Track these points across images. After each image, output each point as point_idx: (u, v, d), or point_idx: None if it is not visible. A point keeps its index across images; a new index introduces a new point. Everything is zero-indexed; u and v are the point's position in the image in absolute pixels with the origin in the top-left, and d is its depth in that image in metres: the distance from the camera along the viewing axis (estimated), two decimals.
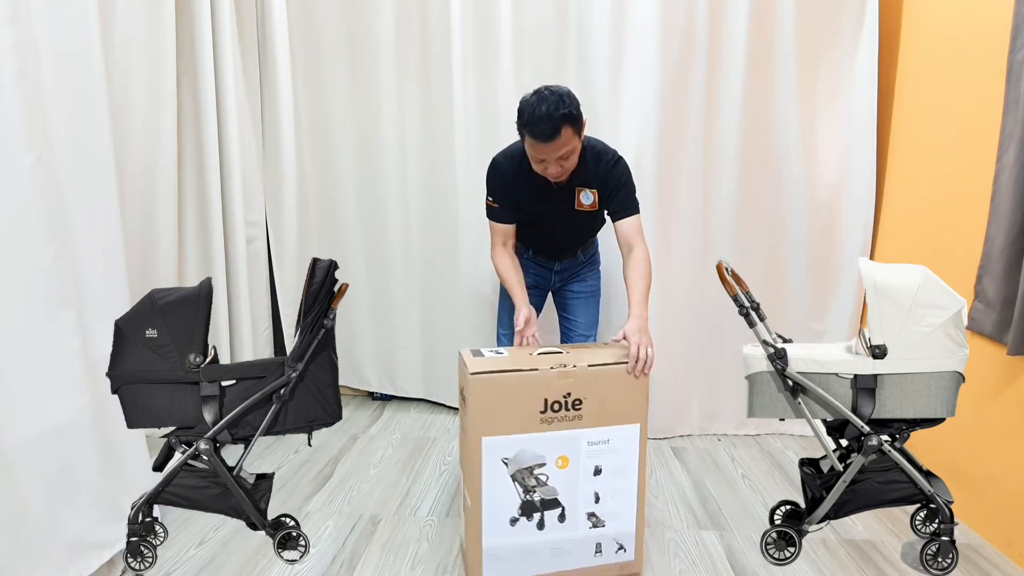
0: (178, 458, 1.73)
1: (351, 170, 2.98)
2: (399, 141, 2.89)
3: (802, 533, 1.85)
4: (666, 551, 1.94)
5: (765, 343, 1.74)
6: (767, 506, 2.20)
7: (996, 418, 1.95)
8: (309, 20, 2.85)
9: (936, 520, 1.83)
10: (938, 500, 1.73)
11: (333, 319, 1.77)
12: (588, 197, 1.93)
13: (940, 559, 1.79)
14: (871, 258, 2.64)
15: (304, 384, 1.77)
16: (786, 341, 1.80)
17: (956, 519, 1.91)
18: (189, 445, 1.70)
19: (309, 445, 2.62)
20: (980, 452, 2.02)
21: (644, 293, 1.81)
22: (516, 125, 1.75)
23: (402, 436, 2.82)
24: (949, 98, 2.20)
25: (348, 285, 1.83)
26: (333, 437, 2.80)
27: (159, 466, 1.74)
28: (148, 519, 1.80)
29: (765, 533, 1.89)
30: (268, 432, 1.74)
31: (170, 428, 1.71)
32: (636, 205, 1.92)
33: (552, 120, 1.66)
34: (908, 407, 1.68)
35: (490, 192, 1.97)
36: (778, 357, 1.71)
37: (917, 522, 1.99)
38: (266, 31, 2.78)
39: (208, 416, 1.68)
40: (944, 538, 1.76)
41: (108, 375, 1.63)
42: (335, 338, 1.81)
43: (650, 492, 2.31)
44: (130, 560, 1.76)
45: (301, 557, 1.89)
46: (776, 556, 1.88)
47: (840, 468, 1.76)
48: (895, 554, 1.92)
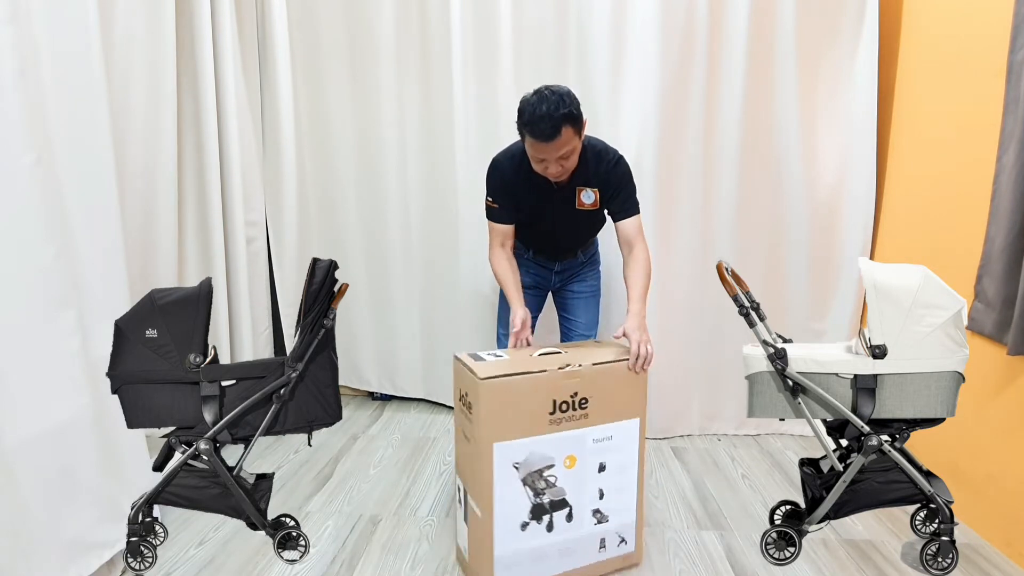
0: (178, 458, 1.74)
1: (351, 170, 2.98)
2: (399, 141, 2.89)
3: (802, 533, 1.85)
4: (666, 551, 1.94)
5: (765, 343, 1.74)
6: (767, 506, 2.20)
7: (996, 418, 1.95)
8: (309, 20, 2.85)
9: (936, 520, 1.83)
10: (938, 500, 1.73)
11: (333, 319, 1.77)
12: (589, 196, 1.93)
13: (940, 559, 1.79)
14: (871, 258, 2.64)
15: (304, 384, 1.77)
16: (786, 341, 1.80)
17: (956, 519, 1.91)
18: (189, 445, 1.70)
19: (309, 445, 2.62)
20: (980, 452, 2.02)
21: (643, 291, 1.84)
22: (516, 125, 1.76)
23: (402, 436, 2.82)
24: (949, 98, 2.20)
25: (348, 285, 1.83)
26: (333, 437, 2.80)
27: (159, 466, 1.74)
28: (148, 519, 1.80)
29: (765, 533, 1.89)
30: (268, 432, 1.74)
31: (170, 428, 1.71)
32: (637, 205, 1.95)
33: (552, 120, 1.66)
34: (908, 407, 1.68)
35: (490, 192, 1.97)
36: (778, 357, 1.71)
37: (917, 522, 1.99)
38: (266, 31, 2.78)
39: (208, 416, 1.68)
40: (944, 538, 1.76)
41: (108, 375, 1.63)
42: (335, 338, 1.81)
43: (650, 492, 2.31)
44: (130, 560, 1.76)
45: (301, 557, 1.89)
46: (776, 556, 1.88)
47: (840, 468, 1.76)
48: (895, 554, 1.92)
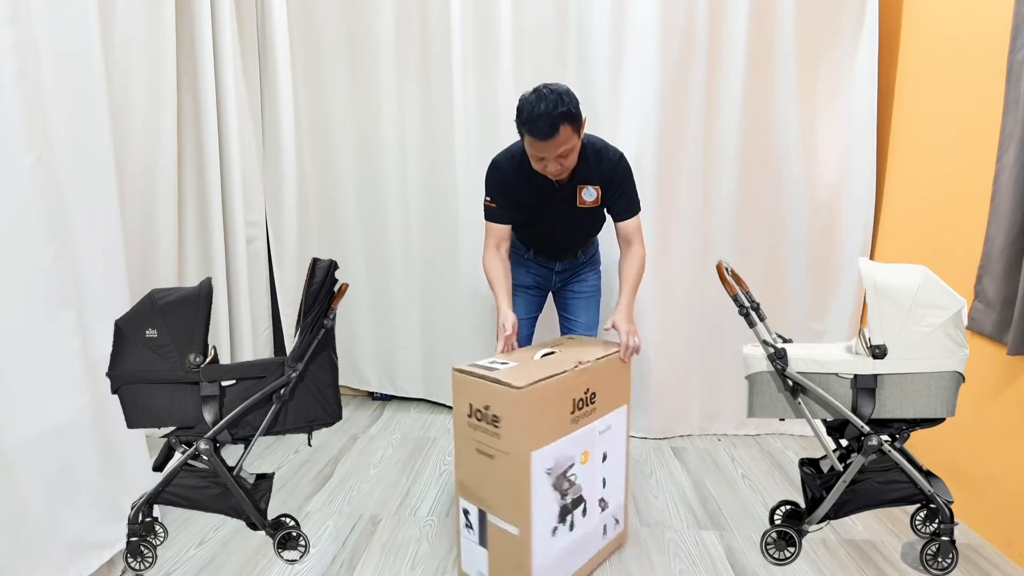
0: (178, 458, 1.73)
1: (351, 170, 2.98)
2: (399, 141, 2.90)
3: (802, 533, 1.85)
4: (666, 551, 1.94)
5: (765, 343, 1.74)
6: (767, 506, 2.20)
7: (996, 418, 1.95)
8: (309, 20, 2.85)
9: (936, 520, 1.83)
10: (938, 500, 1.73)
11: (333, 319, 1.77)
12: (591, 194, 1.94)
13: (940, 559, 1.78)
14: (871, 258, 2.64)
15: (304, 384, 1.77)
16: (786, 341, 1.80)
17: (956, 519, 1.91)
18: (189, 445, 1.70)
19: (309, 445, 2.61)
20: (980, 452, 2.02)
21: (634, 285, 1.93)
22: (515, 123, 1.76)
23: (402, 436, 2.82)
24: (949, 98, 2.20)
25: (348, 285, 1.83)
26: (333, 437, 2.80)
27: (159, 466, 1.74)
28: (148, 519, 1.80)
29: (765, 533, 1.89)
30: (268, 432, 1.74)
31: (170, 428, 1.71)
32: (638, 205, 1.97)
33: (551, 118, 1.66)
34: (908, 407, 1.68)
35: (489, 192, 1.97)
36: (778, 357, 1.71)
37: (917, 522, 1.99)
38: (266, 31, 2.78)
39: (208, 416, 1.68)
40: (944, 538, 1.76)
41: (108, 375, 1.63)
42: (335, 338, 1.81)
43: (650, 492, 2.31)
44: (130, 560, 1.76)
45: (301, 557, 1.89)
46: (776, 556, 1.88)
47: (840, 468, 1.76)
48: (895, 554, 1.92)
